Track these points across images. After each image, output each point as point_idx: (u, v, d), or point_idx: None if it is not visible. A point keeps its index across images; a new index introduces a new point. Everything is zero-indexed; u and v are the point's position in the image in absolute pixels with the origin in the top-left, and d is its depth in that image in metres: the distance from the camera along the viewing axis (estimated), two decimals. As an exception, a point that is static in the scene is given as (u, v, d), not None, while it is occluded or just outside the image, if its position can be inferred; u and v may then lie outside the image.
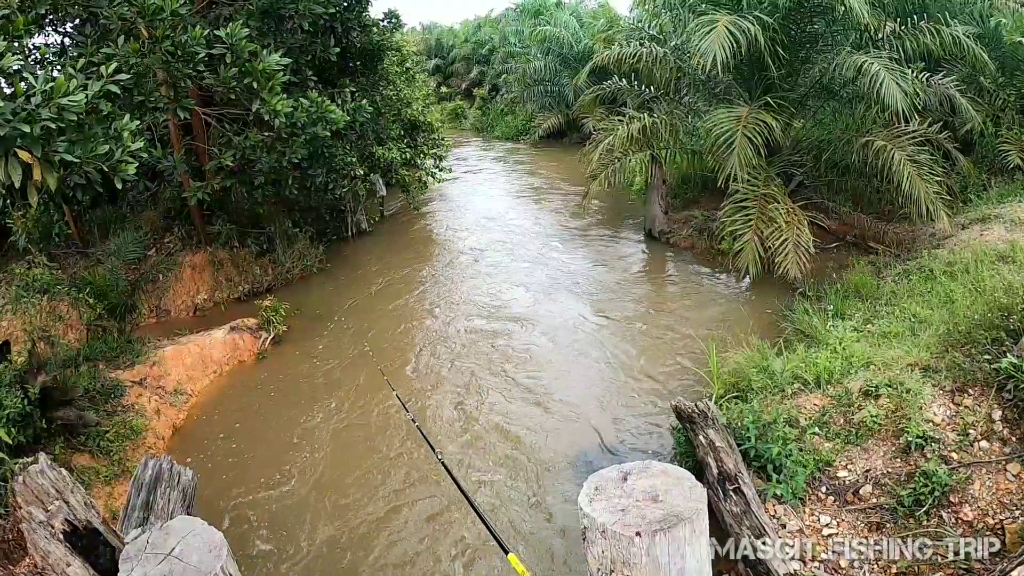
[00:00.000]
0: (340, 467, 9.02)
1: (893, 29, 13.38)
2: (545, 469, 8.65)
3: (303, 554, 7.55)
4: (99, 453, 8.92)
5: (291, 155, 12.80)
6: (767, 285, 12.83)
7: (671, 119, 15.26)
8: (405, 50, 21.30)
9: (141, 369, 10.76)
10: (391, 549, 7.53)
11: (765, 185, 13.06)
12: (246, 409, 10.69)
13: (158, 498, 6.65)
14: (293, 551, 7.60)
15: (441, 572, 7.18)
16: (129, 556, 3.78)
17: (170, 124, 13.65)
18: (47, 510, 4.82)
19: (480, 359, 11.67)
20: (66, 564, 4.75)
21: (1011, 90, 15.44)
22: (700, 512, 2.82)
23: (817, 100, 14.63)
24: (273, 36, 13.02)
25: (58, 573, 4.79)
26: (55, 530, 4.77)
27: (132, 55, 9.43)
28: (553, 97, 31.07)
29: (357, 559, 7.42)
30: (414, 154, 19.56)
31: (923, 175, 12.33)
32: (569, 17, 31.17)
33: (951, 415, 6.77)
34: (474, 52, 47.27)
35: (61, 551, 4.77)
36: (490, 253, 17.19)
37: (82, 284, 11.67)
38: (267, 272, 15.54)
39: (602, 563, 2.83)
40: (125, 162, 7.81)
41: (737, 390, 8.53)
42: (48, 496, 4.90)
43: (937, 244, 12.55)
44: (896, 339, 8.67)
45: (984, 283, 9.03)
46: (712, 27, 12.28)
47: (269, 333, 12.63)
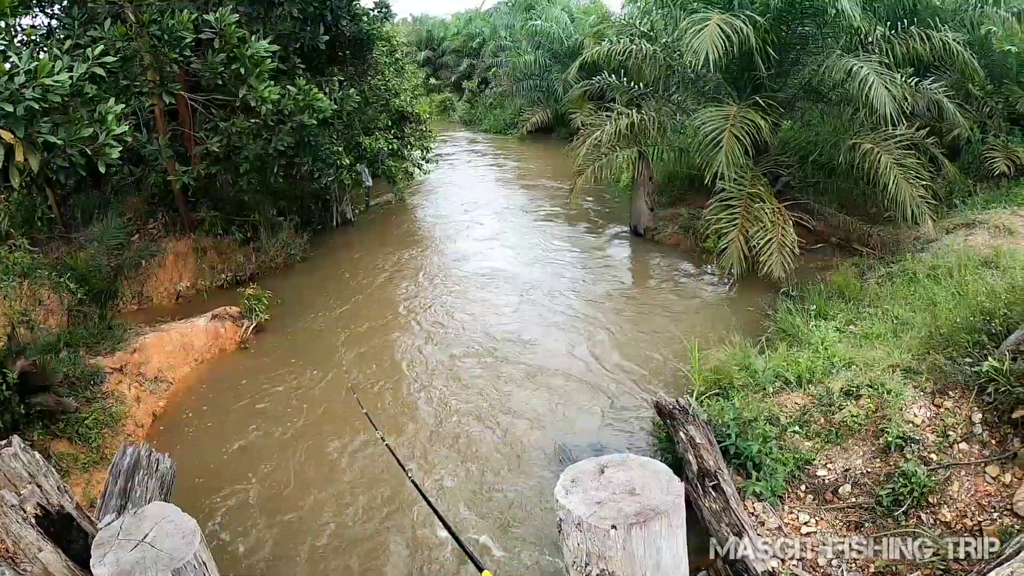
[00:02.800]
0: (318, 456, 8.98)
1: (883, 33, 13.44)
2: (524, 462, 8.65)
3: (278, 541, 7.51)
4: (78, 440, 8.83)
5: (277, 143, 12.73)
6: (751, 284, 12.85)
7: (659, 116, 15.24)
8: (395, 40, 21.16)
9: (122, 356, 10.66)
10: (361, 533, 7.52)
11: (751, 184, 13.08)
12: (227, 398, 10.61)
13: (136, 486, 6.60)
14: (268, 538, 7.56)
15: (405, 545, 7.18)
16: (102, 542, 3.75)
17: (156, 108, 13.51)
18: (19, 494, 4.76)
19: (460, 351, 11.65)
20: (37, 549, 4.70)
21: (999, 98, 15.55)
22: (677, 506, 2.81)
23: (806, 101, 14.67)
24: (262, 22, 12.93)
25: (29, 558, 4.74)
26: (27, 514, 4.71)
27: (119, 38, 9.37)
28: (542, 92, 31.02)
29: (327, 545, 7.40)
30: (401, 145, 19.46)
31: (909, 179, 12.40)
32: (560, 12, 31.14)
33: (931, 416, 6.81)
34: (464, 45, 47.06)
35: (33, 536, 4.72)
36: (474, 246, 17.16)
37: (64, 269, 11.57)
38: (250, 260, 15.41)
39: (577, 556, 2.82)
40: (109, 145, 7.75)
41: (719, 387, 8.54)
42: (21, 480, 4.84)
43: (921, 248, 12.63)
44: (878, 340, 8.70)
45: (967, 287, 9.09)
46: (704, 25, 12.27)
47: (251, 322, 12.53)
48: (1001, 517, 5.81)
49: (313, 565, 7.24)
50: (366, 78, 17.32)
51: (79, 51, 8.26)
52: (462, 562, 7.11)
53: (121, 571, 3.55)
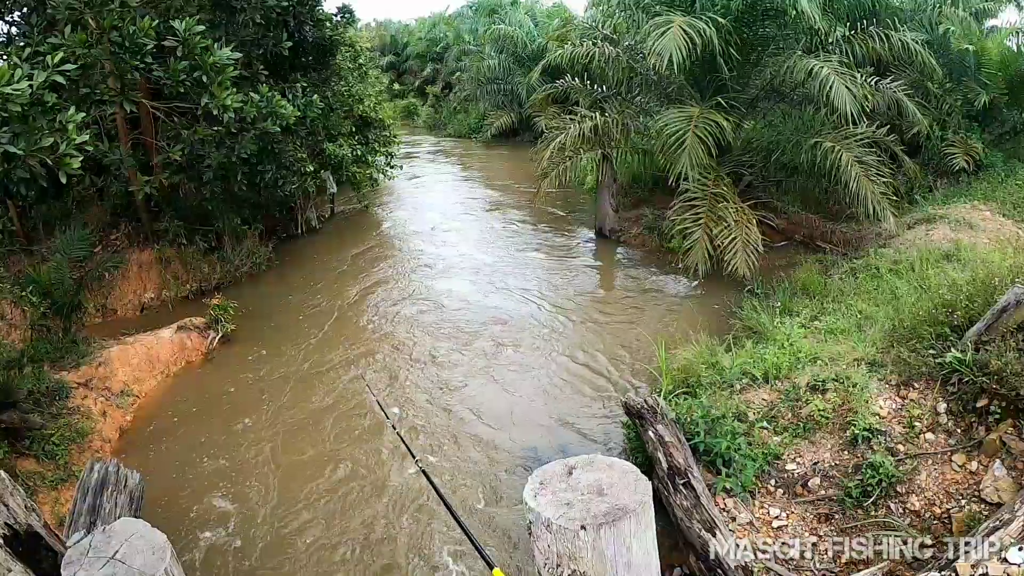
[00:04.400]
0: (286, 468, 8.91)
1: (843, 34, 13.65)
2: (493, 463, 8.67)
3: (247, 554, 7.45)
4: (44, 457, 8.67)
5: (240, 150, 12.64)
6: (716, 283, 12.98)
7: (623, 118, 15.36)
8: (358, 46, 21.12)
9: (87, 370, 10.49)
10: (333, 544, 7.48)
11: (715, 184, 13.21)
12: (194, 411, 10.49)
13: (104, 502, 6.53)
14: (239, 551, 7.49)
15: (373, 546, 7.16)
16: (71, 560, 3.68)
17: (117, 117, 13.32)
18: (-15, 513, 4.69)
19: (425, 355, 11.64)
20: (6, 570, 4.63)
21: (957, 95, 15.86)
22: (645, 505, 2.82)
23: (768, 102, 14.87)
24: (224, 29, 12.82)
25: (-4, 578, 4.66)
26: (-7, 534, 4.64)
27: (79, 45, 9.23)
28: (506, 96, 31.19)
29: (300, 556, 7.36)
30: (365, 151, 19.43)
31: (870, 176, 12.60)
32: (524, 16, 31.31)
33: (897, 408, 6.92)
34: (428, 49, 47.10)
35: (1, 556, 4.64)
36: (439, 250, 17.18)
37: (26, 282, 11.36)
38: (215, 270, 15.24)
39: (548, 557, 2.83)
40: (70, 155, 7.65)
41: (686, 386, 8.61)
42: (-14, 499, 4.77)
43: (883, 243, 12.83)
44: (843, 335, 8.83)
45: (929, 281, 9.25)
46: (668, 27, 12.40)
47: (217, 332, 12.40)
48: (969, 504, 5.92)
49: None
50: (329, 84, 17.24)
51: (39, 59, 8.13)
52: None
53: (91, 589, 3.47)
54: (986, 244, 11.20)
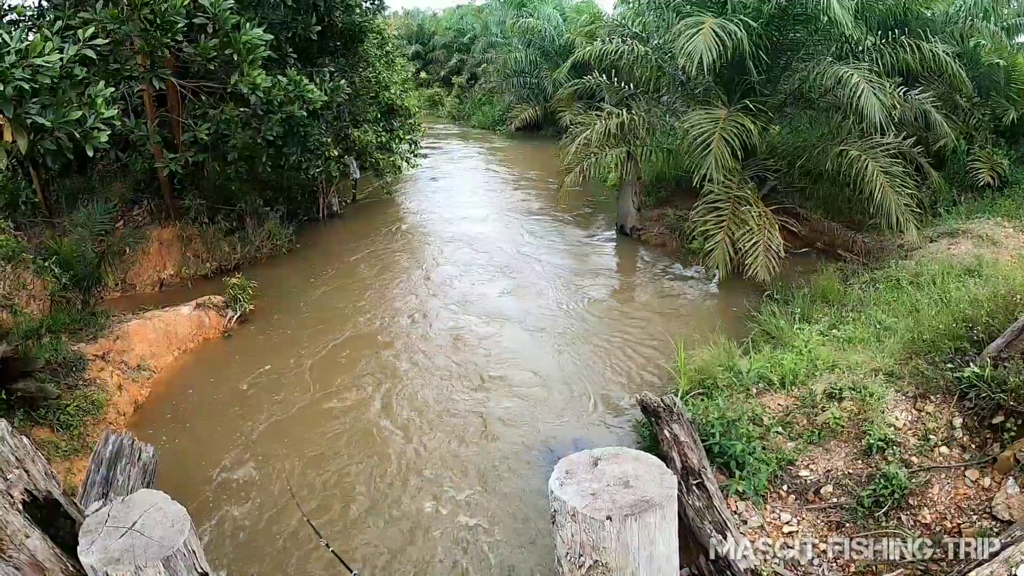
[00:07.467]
0: (300, 447, 8.95)
1: (874, 42, 13.54)
2: (505, 458, 8.67)
3: (263, 530, 7.49)
4: (59, 427, 8.75)
5: (266, 132, 12.69)
6: (736, 286, 12.92)
7: (649, 117, 15.31)
8: (386, 33, 21.10)
9: (104, 343, 10.56)
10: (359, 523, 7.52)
11: (739, 187, 13.16)
12: (210, 387, 10.56)
13: (118, 474, 6.58)
14: (253, 528, 7.54)
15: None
16: (90, 529, 3.68)
17: (145, 94, 13.40)
18: (6, 479, 4.71)
19: (446, 348, 11.64)
20: (24, 535, 4.65)
21: (986, 110, 15.73)
22: (671, 499, 2.83)
23: (795, 107, 14.78)
24: (255, 10, 12.86)
25: (16, 544, 4.69)
26: (14, 500, 4.66)
27: (110, 20, 9.28)
28: (531, 89, 31.12)
29: (312, 533, 7.39)
30: (389, 138, 19.43)
31: (895, 187, 12.50)
32: (552, 11, 31.12)
33: (912, 420, 6.90)
34: (455, 40, 47.04)
35: (20, 522, 4.66)
36: (460, 241, 17.13)
37: (48, 253, 11.44)
38: (235, 250, 15.31)
39: (571, 547, 2.84)
40: (97, 129, 7.71)
41: (703, 387, 8.62)
42: (8, 465, 4.78)
43: (905, 255, 12.74)
44: (861, 345, 8.79)
45: (950, 295, 9.19)
46: (699, 29, 12.31)
47: (235, 311, 12.47)
48: (980, 520, 5.90)
49: (300, 544, 7.24)
50: (356, 70, 17.26)
51: (70, 32, 8.18)
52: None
53: (109, 559, 3.46)
54: (1009, 261, 11.11)
